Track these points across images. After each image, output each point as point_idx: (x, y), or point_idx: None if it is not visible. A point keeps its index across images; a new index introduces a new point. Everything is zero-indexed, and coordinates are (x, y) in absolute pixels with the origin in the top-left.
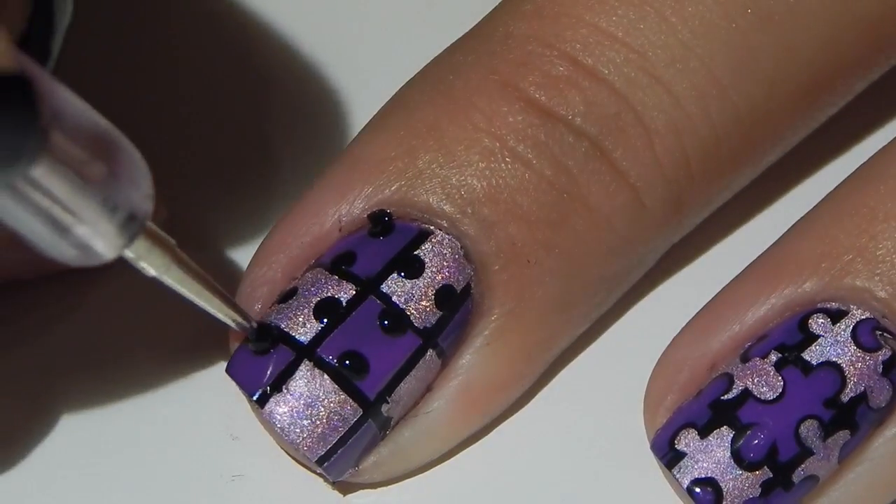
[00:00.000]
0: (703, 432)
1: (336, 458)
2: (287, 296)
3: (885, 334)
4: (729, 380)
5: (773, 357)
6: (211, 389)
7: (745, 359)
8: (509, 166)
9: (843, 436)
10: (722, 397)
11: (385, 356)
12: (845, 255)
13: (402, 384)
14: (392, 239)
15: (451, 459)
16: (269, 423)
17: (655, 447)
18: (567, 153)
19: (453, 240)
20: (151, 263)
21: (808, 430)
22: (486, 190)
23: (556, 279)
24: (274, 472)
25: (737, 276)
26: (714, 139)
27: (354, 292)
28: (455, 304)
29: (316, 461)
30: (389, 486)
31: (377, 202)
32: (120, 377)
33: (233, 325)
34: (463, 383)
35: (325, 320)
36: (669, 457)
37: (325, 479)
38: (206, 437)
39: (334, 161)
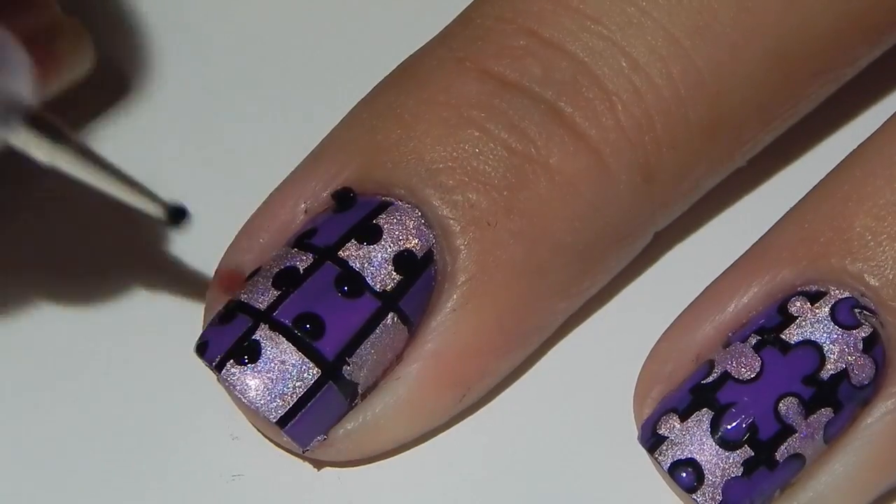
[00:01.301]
0: (684, 416)
1: (298, 421)
2: (251, 275)
3: (864, 312)
4: (710, 365)
5: (753, 340)
6: (211, 389)
7: (726, 346)
8: (465, 133)
9: (825, 413)
10: (702, 381)
11: (342, 318)
12: (821, 238)
13: (363, 347)
14: (352, 212)
15: (449, 461)
16: (229, 389)
17: (641, 436)
18: (525, 118)
19: (413, 208)
20: (40, 150)
21: (788, 407)
22: (444, 158)
23: (520, 242)
24: (274, 472)
25: (724, 271)
26: (678, 101)
27: (312, 260)
28: (415, 269)
29: (276, 422)
30: (390, 486)
31: (339, 182)
32: (120, 377)
33: (143, 208)
34: (431, 350)
35: (284, 288)
36: (651, 442)
37: (296, 451)
38: (206, 437)
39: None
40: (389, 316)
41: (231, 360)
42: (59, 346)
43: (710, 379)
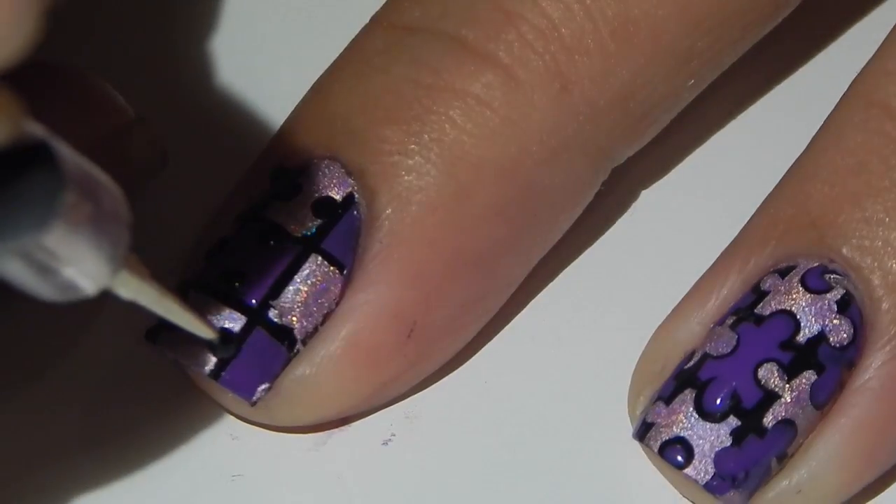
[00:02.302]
0: (668, 400)
1: (231, 370)
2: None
3: (835, 276)
4: (692, 354)
5: (730, 320)
6: None
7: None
8: (372, 79)
9: (809, 376)
10: (684, 368)
11: (262, 265)
12: (784, 217)
13: (288, 289)
14: (278, 181)
15: (449, 461)
16: (172, 361)
17: (634, 433)
18: (427, 52)
19: (330, 161)
20: (128, 291)
21: (767, 372)
22: (352, 106)
23: (436, 166)
24: (274, 472)
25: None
26: (584, 10)
27: (238, 227)
28: (334, 211)
29: (210, 375)
30: (390, 485)
31: (272, 164)
32: (120, 377)
33: (200, 334)
34: (366, 283)
35: (214, 257)
36: (641, 431)
37: (245, 407)
38: (206, 437)
39: None
40: (312, 258)
41: (163, 330)
42: (58, 346)
43: (691, 363)
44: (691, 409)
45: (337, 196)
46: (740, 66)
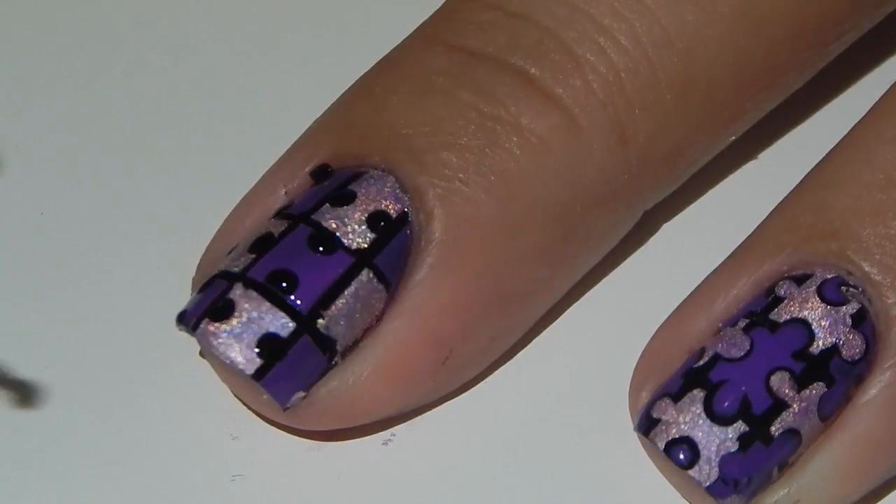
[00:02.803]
0: (677, 398)
1: (274, 373)
2: (232, 249)
3: (851, 289)
4: (701, 351)
5: (742, 323)
6: (211, 390)
7: (717, 333)
8: (434, 99)
9: (818, 388)
10: (693, 366)
11: (315, 273)
12: (803, 224)
13: (338, 301)
14: (328, 183)
15: (449, 462)
16: (208, 351)
17: (636, 423)
18: (493, 82)
19: (387, 174)
20: None
21: (779, 381)
22: (413, 123)
23: (493, 199)
24: (274, 472)
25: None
26: (645, 60)
27: (287, 225)
28: (389, 228)
29: (252, 375)
30: (390, 486)
31: (316, 161)
32: (120, 377)
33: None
34: (409, 307)
35: (259, 252)
36: (646, 426)
37: (277, 413)
38: (206, 437)
39: None
40: (364, 272)
41: (206, 320)
42: (58, 346)
43: (702, 362)
44: (700, 410)
45: (392, 211)
46: None
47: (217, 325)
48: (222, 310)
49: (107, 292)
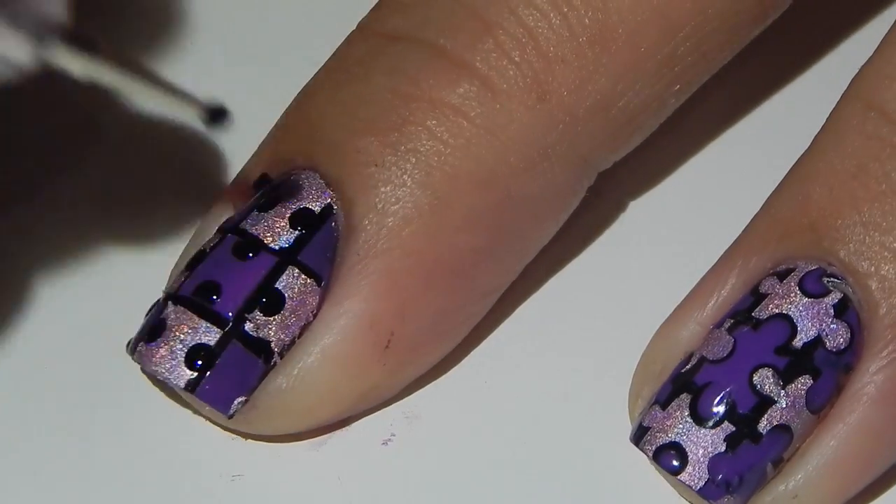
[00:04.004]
0: (665, 405)
1: (207, 383)
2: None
3: (833, 280)
4: (690, 356)
5: (727, 324)
6: None
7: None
8: (352, 88)
9: (805, 381)
10: (682, 371)
11: (238, 277)
12: (783, 220)
13: (265, 301)
14: (260, 193)
15: (449, 463)
16: (147, 372)
17: (630, 436)
18: (405, 60)
19: (309, 172)
20: (76, 65)
21: (763, 378)
22: (331, 115)
23: (411, 177)
24: (274, 472)
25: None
26: (558, 14)
27: (217, 238)
28: (311, 223)
29: (184, 387)
30: (390, 485)
31: (257, 172)
32: (120, 377)
33: (182, 109)
34: (342, 295)
35: (192, 268)
36: (637, 435)
37: (223, 422)
38: (206, 437)
39: None
40: (289, 270)
41: (141, 343)
42: (58, 346)
43: (689, 366)
44: (686, 413)
45: (315, 208)
46: (728, 68)
47: (150, 345)
48: (155, 330)
49: (107, 292)
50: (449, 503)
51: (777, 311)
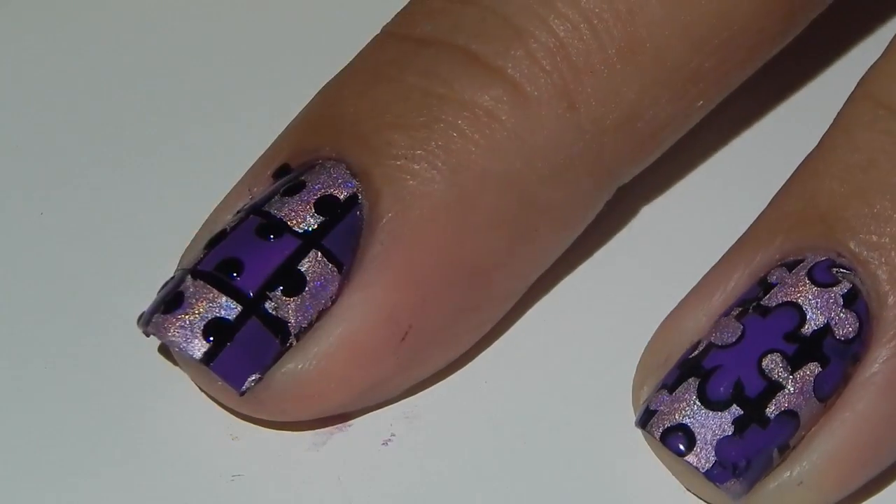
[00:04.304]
0: (672, 388)
1: (223, 357)
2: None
3: (842, 270)
4: (697, 344)
5: (735, 312)
6: None
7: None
8: (382, 86)
9: (812, 368)
10: (689, 357)
11: (261, 256)
12: (792, 212)
13: (287, 283)
14: (284, 179)
15: (449, 464)
16: (163, 341)
17: (636, 420)
18: (438, 63)
19: (337, 162)
20: None
21: (771, 363)
22: (360, 110)
23: (440, 173)
24: (274, 472)
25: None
26: (587, 25)
27: (238, 218)
28: (337, 210)
29: (201, 359)
30: (390, 485)
31: (278, 162)
32: (120, 377)
33: None
34: (363, 283)
35: (212, 246)
36: (643, 419)
37: (234, 397)
38: (206, 437)
39: None
40: (312, 253)
41: (157, 314)
42: (58, 346)
43: (696, 352)
44: (694, 396)
45: (340, 195)
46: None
47: (167, 315)
48: (172, 301)
49: (107, 292)
50: (449, 503)
51: (786, 298)
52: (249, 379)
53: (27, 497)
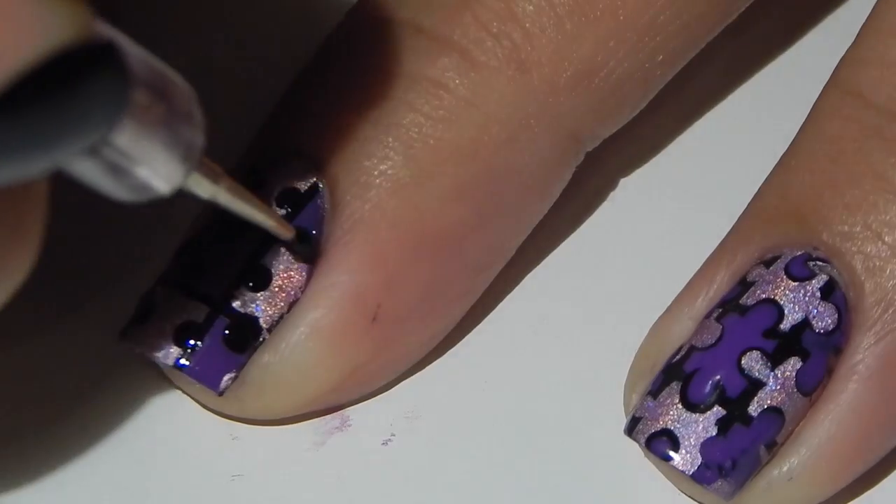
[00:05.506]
0: (656, 394)
1: (196, 360)
2: None
3: (818, 263)
4: (680, 348)
5: (716, 313)
6: None
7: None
8: (330, 69)
9: (793, 363)
10: (672, 361)
11: (224, 257)
12: (768, 209)
13: (252, 278)
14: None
15: (449, 464)
16: (138, 354)
17: (625, 428)
18: (388, 39)
19: (296, 156)
20: (203, 191)
21: (751, 361)
22: (312, 98)
23: (393, 148)
24: (274, 472)
25: None
26: None
27: (204, 223)
28: (297, 201)
29: (173, 365)
30: (390, 485)
31: (249, 165)
32: (120, 377)
33: (275, 233)
34: (329, 268)
35: (178, 253)
36: (629, 426)
37: (214, 398)
38: (206, 437)
39: None
40: (275, 248)
41: (132, 327)
42: (57, 346)
43: (678, 357)
44: (677, 400)
45: (301, 187)
46: (720, 53)
47: (140, 326)
48: (144, 312)
49: (106, 292)
50: (449, 503)
51: (764, 296)
52: (225, 378)
53: (27, 497)
